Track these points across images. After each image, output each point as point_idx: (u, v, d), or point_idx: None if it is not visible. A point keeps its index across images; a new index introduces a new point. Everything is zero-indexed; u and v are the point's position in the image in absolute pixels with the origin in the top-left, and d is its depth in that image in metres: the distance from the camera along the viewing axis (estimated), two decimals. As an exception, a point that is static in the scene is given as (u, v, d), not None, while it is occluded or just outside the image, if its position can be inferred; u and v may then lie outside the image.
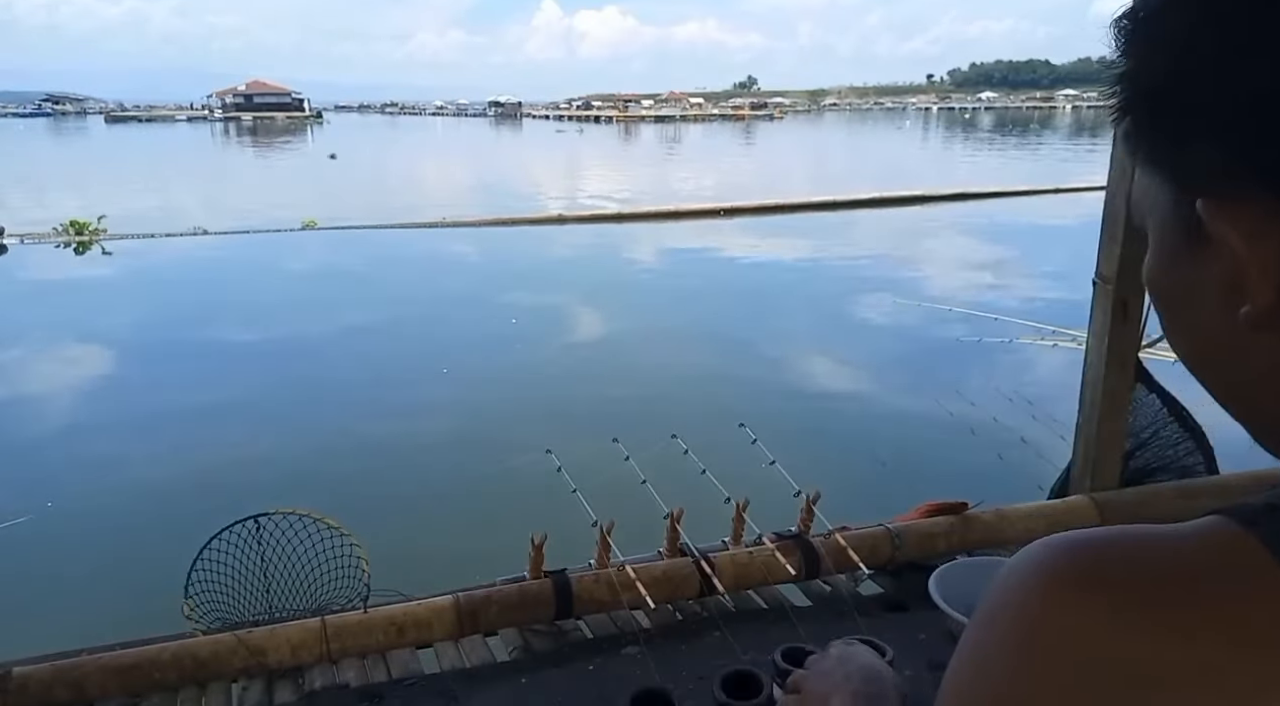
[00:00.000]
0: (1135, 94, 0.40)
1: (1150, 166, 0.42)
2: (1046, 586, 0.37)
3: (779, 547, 2.38)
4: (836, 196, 21.55)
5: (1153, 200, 0.42)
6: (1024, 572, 0.38)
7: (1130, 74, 0.40)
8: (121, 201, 20.86)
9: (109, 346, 9.57)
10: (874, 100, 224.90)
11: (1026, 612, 0.37)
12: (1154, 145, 0.41)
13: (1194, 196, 0.38)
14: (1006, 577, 0.39)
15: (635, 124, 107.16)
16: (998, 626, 0.38)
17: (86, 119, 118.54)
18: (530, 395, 7.80)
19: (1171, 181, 0.40)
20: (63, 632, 3.05)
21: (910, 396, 7.80)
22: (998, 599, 0.39)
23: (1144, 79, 0.39)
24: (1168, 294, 0.44)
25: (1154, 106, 0.39)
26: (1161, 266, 0.43)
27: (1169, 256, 0.42)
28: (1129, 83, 0.40)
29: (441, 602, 2.17)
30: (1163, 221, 0.42)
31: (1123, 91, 0.41)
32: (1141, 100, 0.40)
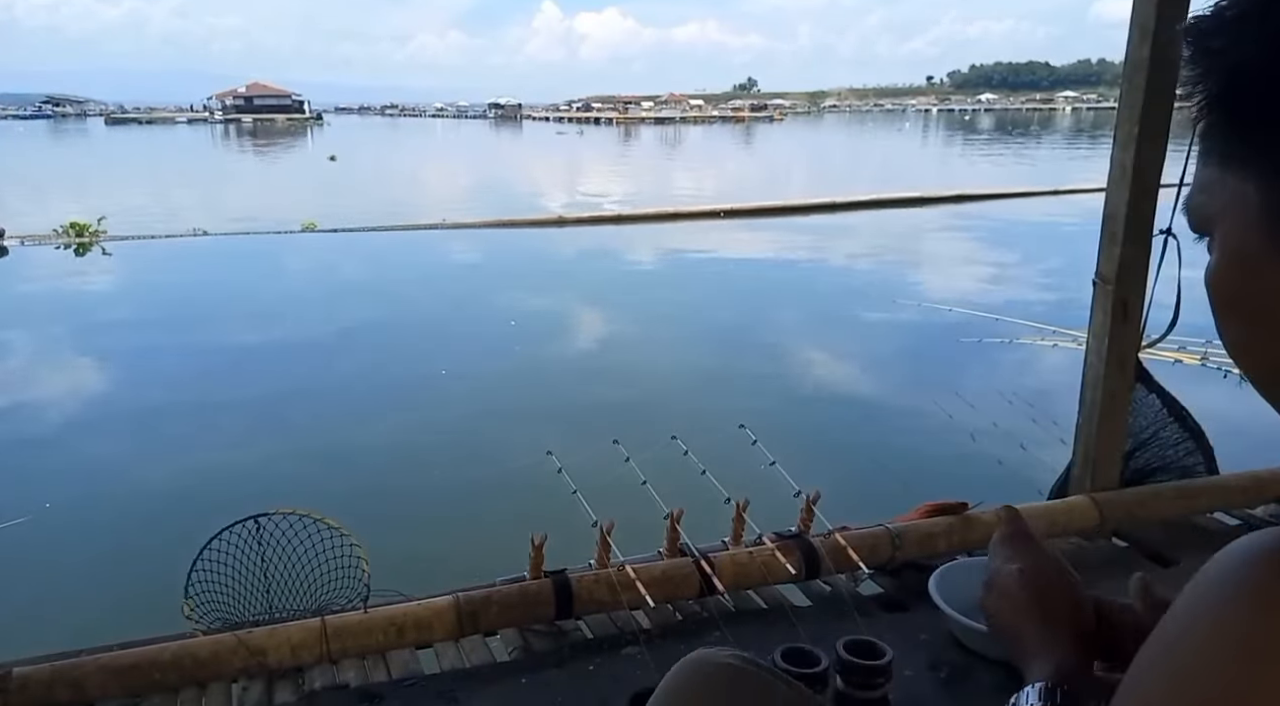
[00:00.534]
0: (1229, 87, 0.40)
1: (1236, 164, 0.41)
2: (1258, 592, 0.35)
3: (779, 547, 2.38)
4: (836, 198, 21.55)
5: (1230, 198, 0.41)
6: (1237, 575, 0.36)
7: (1223, 68, 0.40)
8: (122, 203, 20.87)
9: (109, 346, 9.57)
10: (874, 102, 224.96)
11: (1242, 621, 0.35)
12: (1246, 138, 0.40)
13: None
14: (1218, 578, 0.37)
15: (635, 126, 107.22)
16: (1207, 631, 0.36)
17: (86, 121, 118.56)
18: (531, 396, 7.80)
19: (1266, 174, 0.39)
20: (63, 633, 3.05)
21: (910, 396, 7.80)
22: (1206, 600, 0.37)
23: (1243, 72, 0.39)
24: (1246, 301, 0.42)
25: (1255, 98, 0.38)
26: (1241, 272, 0.41)
27: (1251, 256, 0.40)
28: (1221, 77, 0.40)
29: (441, 603, 2.17)
30: (1245, 223, 0.40)
31: (1210, 88, 0.40)
32: (1237, 93, 0.39)
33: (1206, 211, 0.43)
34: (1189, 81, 0.41)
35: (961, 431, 6.66)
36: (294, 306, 11.67)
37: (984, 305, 10.64)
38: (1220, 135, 0.41)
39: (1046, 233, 17.76)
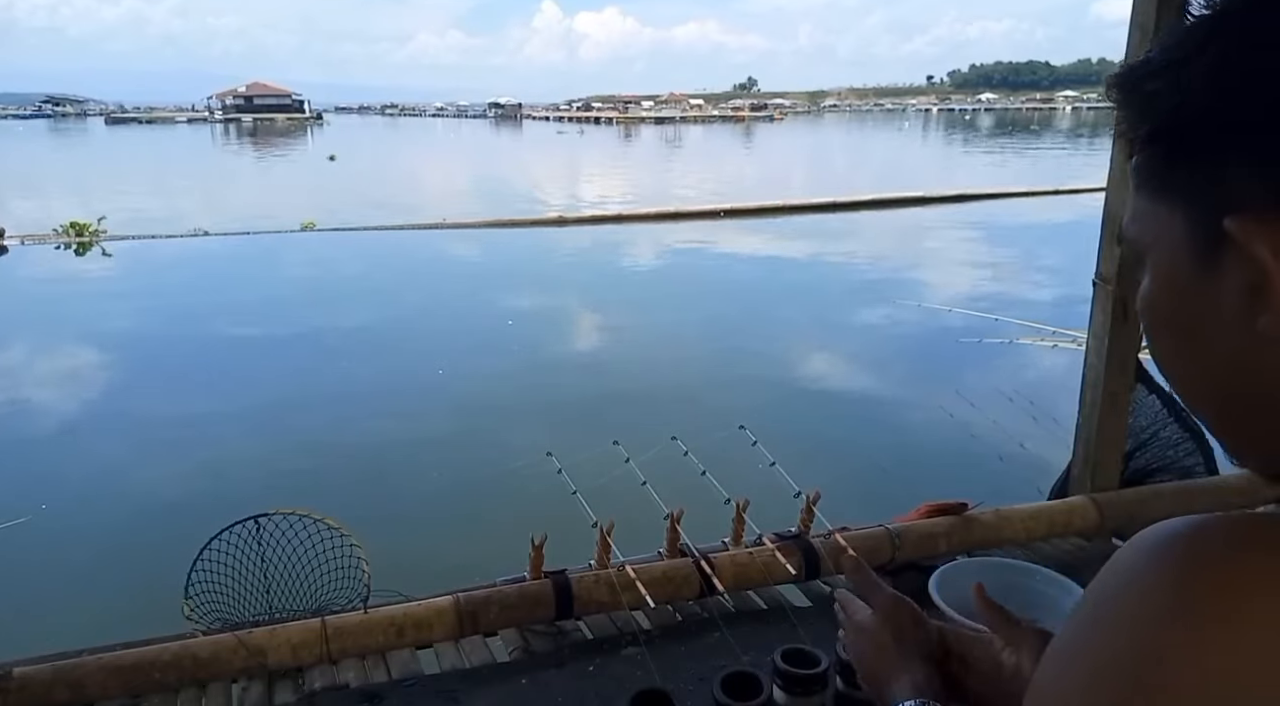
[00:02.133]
0: (1160, 126, 0.44)
1: (1166, 194, 0.45)
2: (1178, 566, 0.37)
3: (779, 548, 2.38)
4: (836, 197, 21.56)
5: (1160, 227, 0.45)
6: (1152, 567, 0.38)
7: (1154, 109, 0.44)
8: (121, 203, 20.87)
9: (108, 346, 9.57)
10: (874, 101, 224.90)
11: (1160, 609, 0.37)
12: (1175, 172, 0.44)
13: (1217, 218, 0.41)
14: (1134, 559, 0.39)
15: (635, 125, 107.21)
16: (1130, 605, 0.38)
17: (86, 121, 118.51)
18: (531, 396, 7.80)
19: (1192, 205, 0.43)
20: (63, 633, 3.05)
21: (910, 397, 7.81)
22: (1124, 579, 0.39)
23: (1172, 112, 0.43)
24: (1174, 320, 0.46)
25: (1183, 136, 0.43)
26: (1168, 293, 0.46)
27: (1178, 283, 0.45)
28: (1152, 116, 0.44)
29: (442, 603, 2.17)
30: (1174, 247, 0.44)
31: (1140, 128, 0.45)
32: (1167, 131, 0.44)
33: (1141, 239, 0.47)
34: (1122, 121, 0.46)
35: (962, 431, 6.66)
36: (293, 306, 11.67)
37: (984, 306, 10.64)
38: (1150, 171, 0.46)
39: (1047, 233, 17.77)
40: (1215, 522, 0.39)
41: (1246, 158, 0.40)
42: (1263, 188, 0.39)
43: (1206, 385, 0.46)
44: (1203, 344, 0.45)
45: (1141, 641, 0.36)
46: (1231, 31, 0.41)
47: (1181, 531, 0.39)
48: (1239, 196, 0.40)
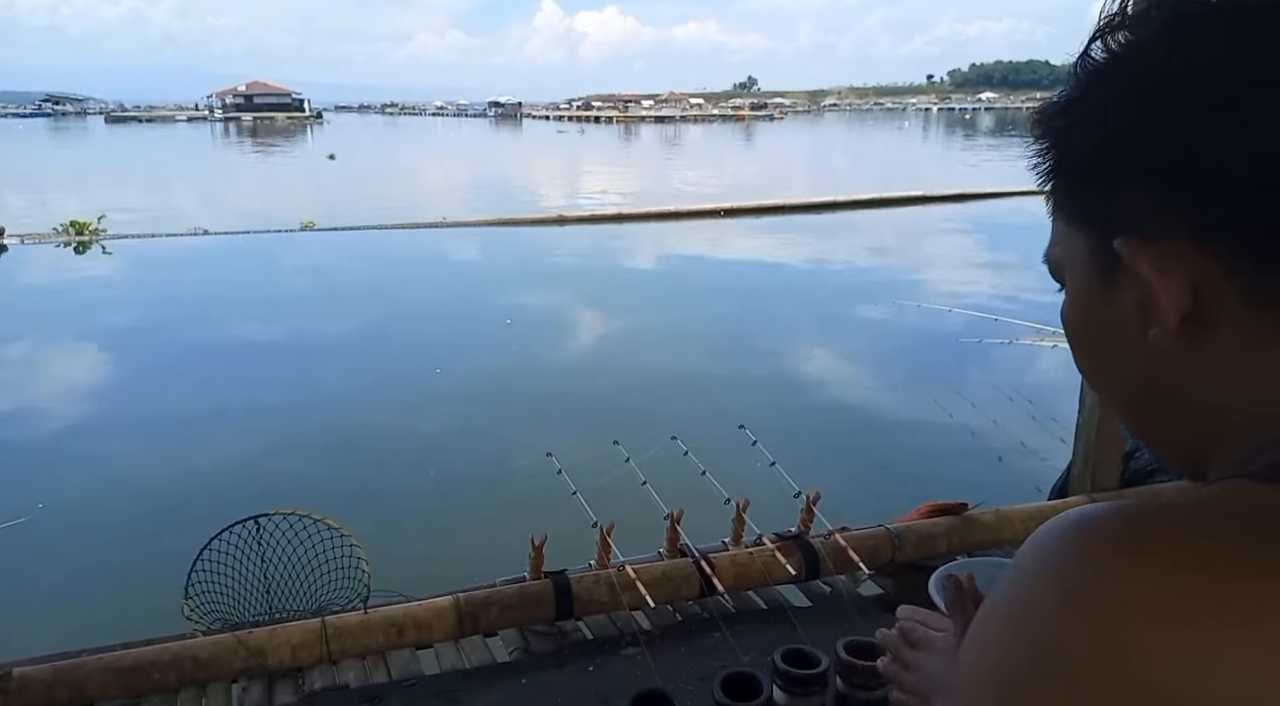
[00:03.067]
0: (1065, 158, 0.49)
1: (1073, 220, 0.50)
2: (1094, 546, 0.39)
3: (779, 548, 2.38)
4: (836, 197, 21.55)
5: (1073, 251, 0.50)
6: (1057, 548, 0.40)
7: (1060, 143, 0.49)
8: (122, 202, 20.87)
9: (109, 346, 9.57)
10: (874, 101, 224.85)
11: (1073, 571, 0.39)
12: (1078, 200, 0.49)
13: (1110, 239, 0.46)
14: (1040, 552, 0.41)
15: (635, 124, 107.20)
16: (1032, 598, 0.40)
17: (86, 119, 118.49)
18: (531, 396, 7.80)
19: (1092, 230, 0.48)
20: (63, 633, 3.06)
21: (910, 397, 7.80)
22: (1037, 559, 0.41)
23: (1075, 146, 0.49)
24: (1087, 334, 0.51)
25: (1083, 168, 0.48)
26: (1080, 309, 0.51)
27: (1087, 299, 0.50)
28: (1059, 150, 0.50)
29: (442, 603, 2.17)
30: (1083, 268, 0.50)
31: (1051, 158, 0.50)
32: (1071, 163, 0.49)
33: (1058, 260, 0.52)
34: (1037, 153, 0.51)
35: (962, 431, 6.66)
36: (292, 306, 11.67)
37: (984, 305, 10.64)
38: (1059, 198, 0.51)
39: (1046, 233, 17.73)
40: (1107, 510, 0.41)
41: (1131, 187, 0.45)
42: (1145, 213, 0.44)
43: (1119, 392, 0.52)
44: (1111, 355, 0.50)
45: (1035, 626, 0.38)
46: (1115, 77, 0.46)
47: (1075, 520, 0.41)
48: (1127, 221, 0.45)
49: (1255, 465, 0.42)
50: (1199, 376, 0.45)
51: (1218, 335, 0.44)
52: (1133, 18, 0.47)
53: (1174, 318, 0.44)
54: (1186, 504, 0.41)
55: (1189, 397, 0.47)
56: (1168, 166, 0.43)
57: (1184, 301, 0.43)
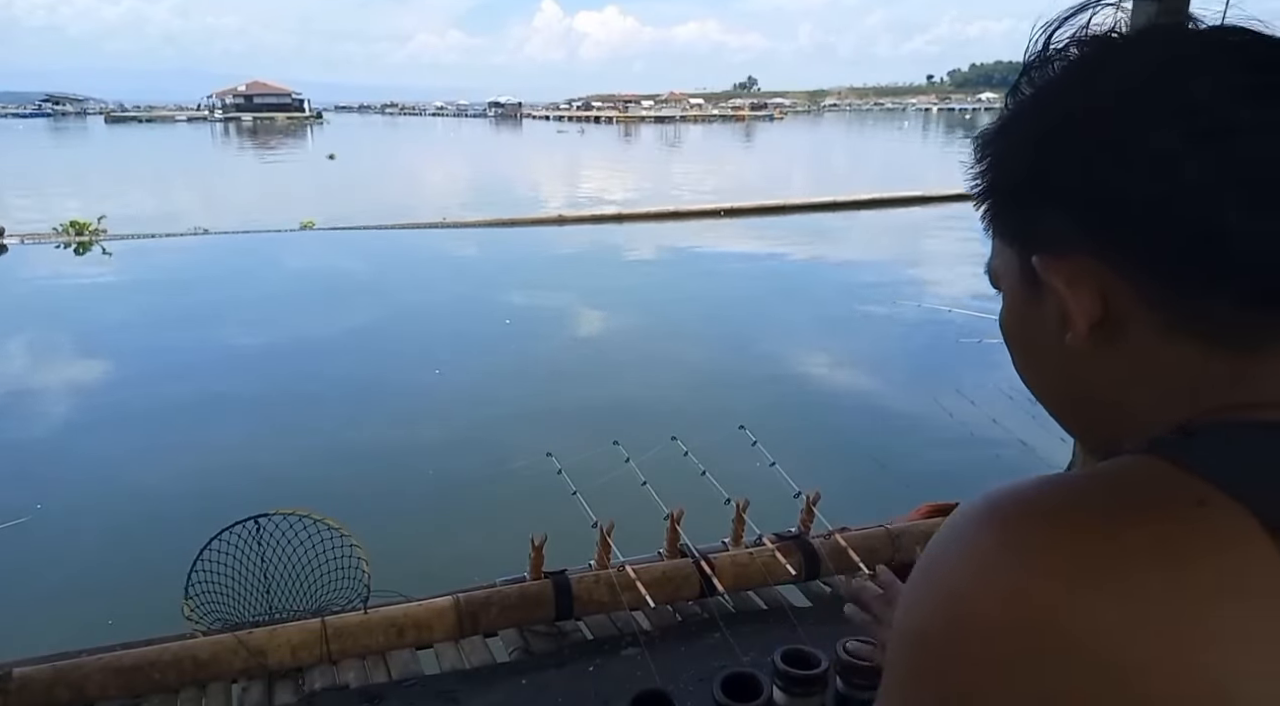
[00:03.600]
0: (995, 182, 0.55)
1: (1003, 236, 0.56)
2: (978, 530, 0.45)
3: (779, 548, 2.39)
4: (836, 197, 21.56)
5: (1004, 263, 0.56)
6: (960, 520, 0.46)
7: (992, 168, 0.55)
8: (122, 202, 20.87)
9: (109, 346, 9.57)
10: (874, 101, 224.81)
11: (955, 553, 0.45)
12: (1007, 219, 0.55)
13: (1031, 256, 0.52)
14: (946, 527, 0.47)
15: (635, 124, 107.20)
16: (928, 565, 0.46)
17: (86, 119, 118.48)
18: (530, 396, 7.80)
19: (1019, 246, 0.54)
20: (64, 633, 3.05)
21: (910, 397, 7.81)
22: (936, 541, 0.47)
23: (1003, 171, 0.55)
24: (1017, 337, 0.58)
25: (1010, 191, 0.54)
26: (1012, 316, 0.57)
27: (1017, 307, 0.56)
28: (991, 174, 0.55)
29: (442, 603, 2.17)
30: (1013, 280, 0.56)
31: (985, 181, 0.55)
32: (1000, 187, 0.55)
33: (996, 272, 0.58)
34: (975, 175, 0.56)
35: (962, 431, 6.67)
36: (292, 306, 11.67)
37: (984, 305, 10.64)
38: (993, 215, 0.56)
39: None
40: (1008, 486, 0.46)
41: (1049, 210, 0.51)
42: (1060, 233, 0.50)
43: (1044, 388, 0.58)
44: (1039, 357, 0.56)
45: (942, 578, 0.45)
46: (1036, 114, 0.53)
47: (981, 497, 0.47)
48: (1046, 239, 0.51)
49: (1141, 443, 0.48)
50: (1109, 375, 0.52)
51: (1125, 339, 0.50)
52: (1054, 55, 0.54)
53: (1084, 325, 0.50)
54: (1075, 476, 0.47)
55: (1101, 393, 0.53)
56: (1076, 194, 0.50)
57: (1094, 310, 0.50)
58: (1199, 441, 0.46)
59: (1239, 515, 0.42)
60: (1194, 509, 0.42)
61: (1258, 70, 0.47)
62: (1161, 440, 0.47)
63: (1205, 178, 0.46)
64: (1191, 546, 0.41)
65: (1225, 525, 0.42)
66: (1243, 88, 0.47)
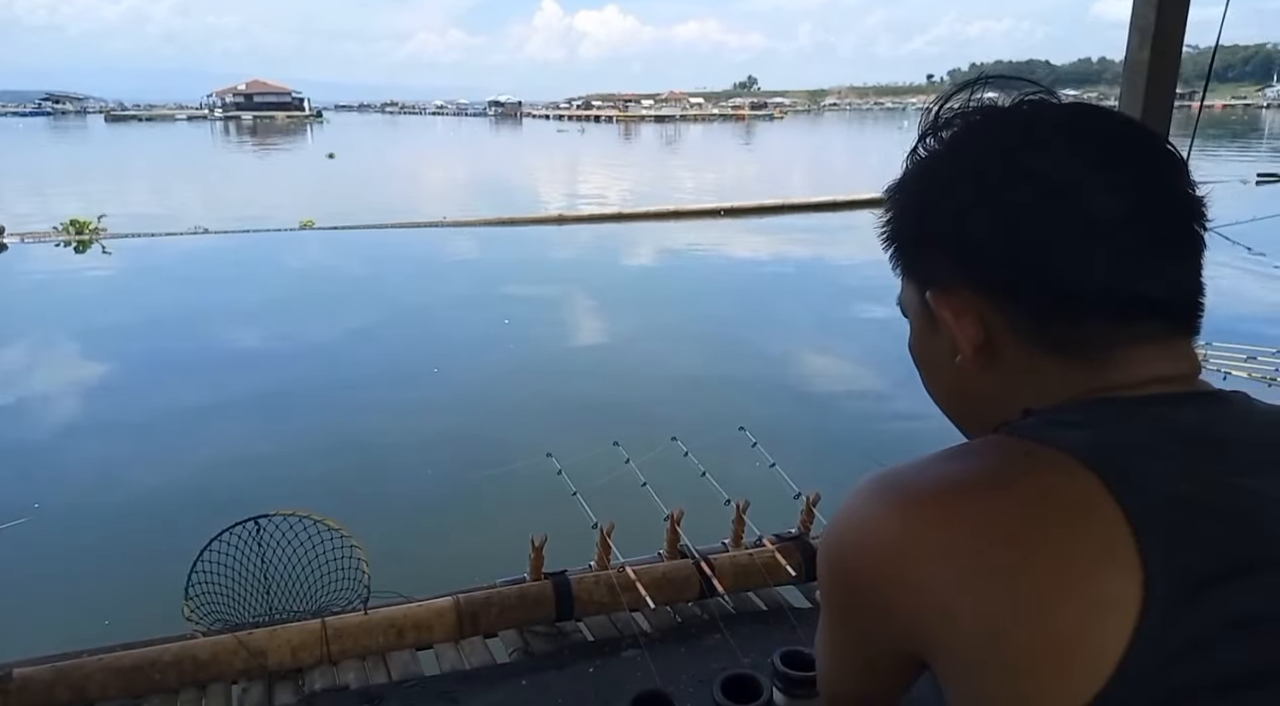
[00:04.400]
0: (896, 229, 0.66)
1: (905, 276, 0.67)
2: (859, 490, 0.59)
3: (779, 549, 2.39)
4: (836, 196, 21.55)
5: (908, 297, 0.67)
6: (860, 481, 0.60)
7: (894, 217, 0.66)
8: (122, 200, 20.86)
9: (108, 346, 9.56)
10: (874, 100, 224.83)
11: (849, 516, 0.59)
12: (905, 260, 0.66)
13: (925, 291, 0.63)
14: (849, 500, 0.59)
15: (635, 124, 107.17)
16: (834, 526, 0.61)
17: (86, 118, 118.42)
18: (531, 397, 7.79)
19: (916, 281, 0.65)
20: (64, 634, 3.05)
21: (911, 396, 7.79)
22: (838, 519, 0.61)
23: (900, 219, 0.66)
24: (923, 359, 0.68)
25: (906, 236, 0.65)
26: (917, 340, 0.68)
27: (921, 334, 0.67)
28: (893, 222, 0.66)
29: (442, 604, 2.17)
30: (915, 311, 0.66)
31: (889, 230, 0.67)
32: (899, 233, 0.66)
33: (905, 304, 0.68)
34: (882, 222, 0.67)
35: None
36: (291, 305, 11.66)
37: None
38: (896, 258, 0.67)
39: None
40: (889, 466, 0.60)
41: (936, 252, 0.62)
42: (946, 272, 0.61)
43: (945, 399, 0.69)
44: (938, 374, 0.67)
45: (834, 518, 0.61)
46: (925, 174, 0.64)
47: (877, 480, 0.59)
48: (936, 276, 0.62)
49: None
50: (992, 387, 0.62)
51: (1001, 359, 0.60)
52: (941, 125, 0.64)
53: (970, 348, 0.61)
54: (933, 454, 0.60)
55: (986, 401, 0.63)
56: (953, 241, 0.60)
57: (976, 336, 0.60)
58: (1035, 420, 0.57)
59: (1059, 459, 0.52)
60: (1020, 456, 0.54)
61: (1092, 143, 0.59)
62: (1007, 422, 0.59)
63: (1041, 229, 0.56)
64: (1016, 480, 0.52)
65: (1044, 465, 0.52)
66: (1079, 156, 0.57)
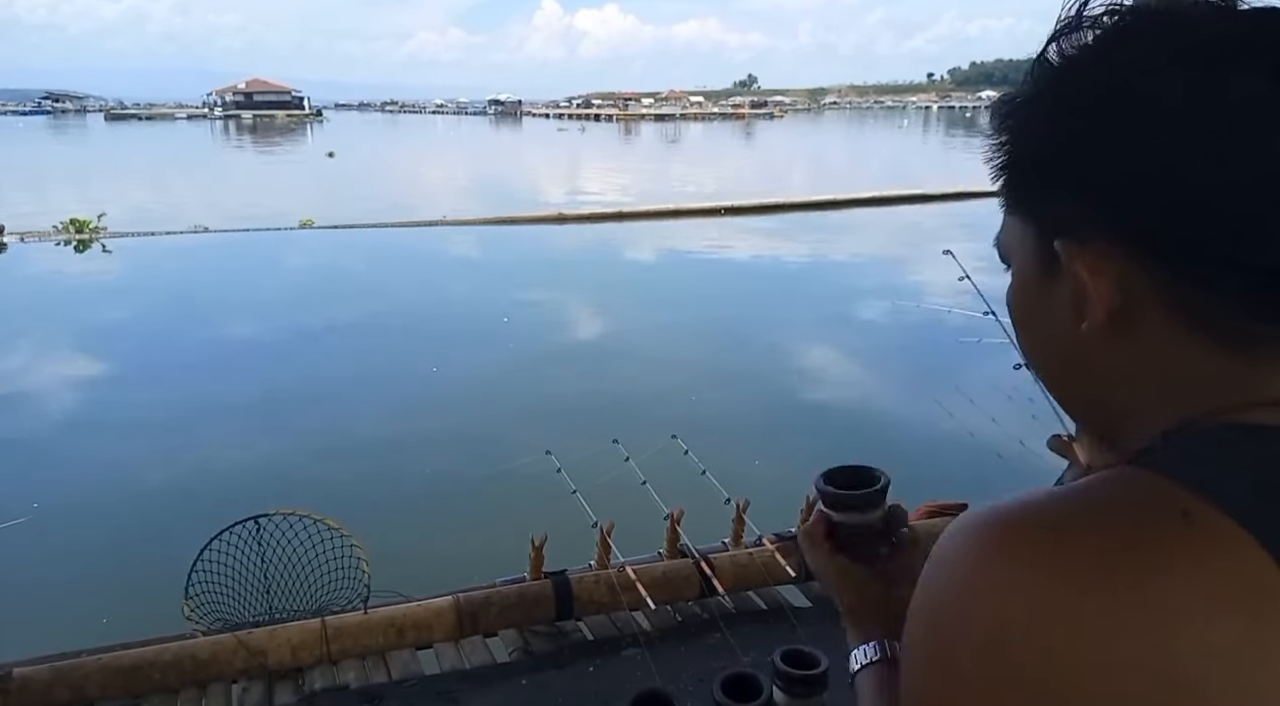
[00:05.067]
0: (1013, 157, 0.52)
1: (1018, 213, 0.54)
2: (983, 545, 0.45)
3: (779, 548, 2.39)
4: (836, 195, 21.54)
5: (1017, 240, 0.54)
6: (963, 534, 0.46)
7: (1010, 142, 0.52)
8: (122, 200, 20.85)
9: (108, 346, 9.56)
10: (874, 99, 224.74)
11: (966, 568, 0.45)
12: (1023, 197, 0.53)
13: (1052, 238, 0.50)
14: (949, 539, 0.47)
15: (636, 123, 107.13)
16: (942, 580, 0.46)
17: (86, 117, 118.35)
18: (530, 395, 7.79)
19: (1034, 226, 0.52)
20: (64, 633, 3.05)
21: (911, 396, 7.81)
22: (941, 556, 0.47)
23: (1022, 146, 0.51)
24: (1027, 317, 0.56)
25: (1029, 168, 0.51)
26: (1021, 294, 0.55)
27: (1027, 286, 0.54)
28: (1009, 148, 0.52)
29: (442, 603, 2.17)
30: (1024, 257, 0.54)
31: (1002, 155, 0.53)
32: (1018, 163, 0.52)
33: (1007, 247, 0.56)
34: (991, 147, 0.53)
35: (962, 430, 6.66)
36: (291, 305, 11.65)
37: (984, 305, 10.63)
38: (1009, 192, 0.54)
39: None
40: (990, 513, 0.46)
41: (1071, 192, 0.48)
42: (1084, 218, 0.48)
43: (1051, 370, 0.56)
44: (1046, 337, 0.54)
45: (941, 602, 0.45)
46: (1062, 88, 0.49)
47: (984, 519, 0.46)
48: (1067, 222, 0.49)
49: (1134, 450, 0.48)
50: (1116, 364, 0.50)
51: (1136, 332, 0.48)
52: (1089, 21, 0.49)
53: (1103, 314, 0.48)
54: (1064, 491, 0.46)
55: (1105, 380, 0.52)
56: (1103, 177, 0.47)
57: (1112, 300, 0.48)
58: (1187, 449, 0.46)
59: (1224, 527, 0.41)
60: (1178, 521, 0.42)
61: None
62: (1150, 450, 0.47)
63: (1256, 171, 0.43)
64: (1173, 560, 0.41)
65: (1208, 538, 0.41)
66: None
